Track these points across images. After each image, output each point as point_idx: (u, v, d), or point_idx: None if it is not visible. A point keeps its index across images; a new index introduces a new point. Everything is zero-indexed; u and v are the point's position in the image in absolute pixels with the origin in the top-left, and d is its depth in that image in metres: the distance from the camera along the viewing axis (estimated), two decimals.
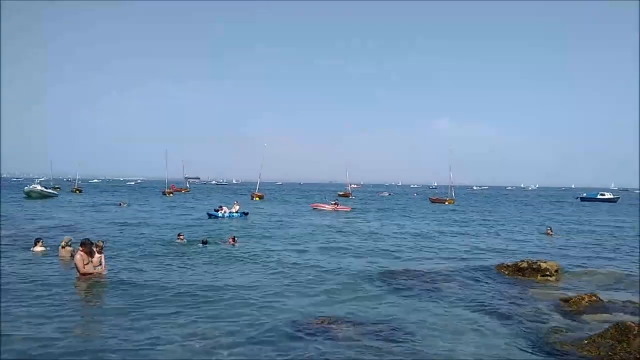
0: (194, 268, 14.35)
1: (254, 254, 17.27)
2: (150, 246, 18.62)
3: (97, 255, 12.40)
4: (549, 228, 27.40)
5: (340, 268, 15.12)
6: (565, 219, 41.49)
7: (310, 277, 13.52)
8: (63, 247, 15.46)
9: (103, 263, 12.50)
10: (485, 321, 9.34)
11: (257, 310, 9.83)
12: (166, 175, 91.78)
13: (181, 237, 19.84)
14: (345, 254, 18.43)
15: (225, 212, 33.27)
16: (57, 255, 15.31)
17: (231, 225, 28.08)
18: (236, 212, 33.83)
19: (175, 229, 24.97)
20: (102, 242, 13.14)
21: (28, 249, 16.71)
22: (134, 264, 14.70)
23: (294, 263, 15.78)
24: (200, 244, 18.58)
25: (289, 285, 12.46)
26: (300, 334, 8.28)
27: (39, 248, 16.52)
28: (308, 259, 16.75)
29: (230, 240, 19.49)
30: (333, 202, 48.43)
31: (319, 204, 49.11)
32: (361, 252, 18.97)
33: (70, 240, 15.94)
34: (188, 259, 15.95)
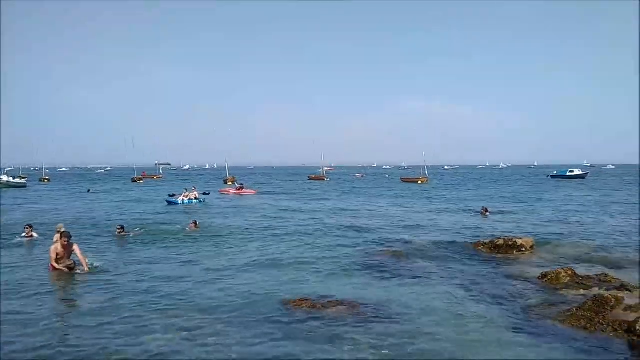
0: (165, 255, 14.22)
1: (220, 237, 17.50)
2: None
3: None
4: (484, 208, 27.29)
5: (310, 245, 15.66)
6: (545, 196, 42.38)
7: (281, 257, 13.78)
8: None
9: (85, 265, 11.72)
10: (468, 299, 9.48)
11: (239, 291, 9.87)
12: (134, 162, 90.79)
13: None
14: (315, 233, 18.65)
15: (183, 198, 33.26)
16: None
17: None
18: (195, 198, 33.82)
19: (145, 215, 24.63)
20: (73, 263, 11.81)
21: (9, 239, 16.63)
22: (103, 253, 14.48)
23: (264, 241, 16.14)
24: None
25: (265, 266, 12.58)
26: (289, 314, 8.34)
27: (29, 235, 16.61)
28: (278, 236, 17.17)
29: (192, 224, 19.33)
30: (238, 187, 48.61)
31: (224, 189, 49.34)
32: (333, 231, 19.23)
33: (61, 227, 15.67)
34: (157, 245, 15.82)
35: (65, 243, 11.73)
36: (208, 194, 33.53)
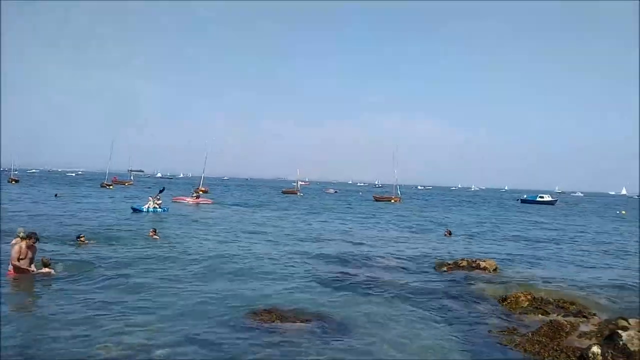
0: (124, 263, 13.89)
1: (179, 246, 17.35)
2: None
3: (45, 269, 11.56)
4: (447, 230, 27.64)
5: (275, 259, 15.66)
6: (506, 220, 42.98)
7: (243, 268, 13.81)
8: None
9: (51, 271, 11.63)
10: (427, 319, 9.47)
11: (199, 302, 9.71)
12: (108, 167, 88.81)
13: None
14: (277, 248, 18.43)
15: (149, 206, 33.29)
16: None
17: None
18: (159, 206, 33.77)
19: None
20: (49, 259, 11.96)
21: None
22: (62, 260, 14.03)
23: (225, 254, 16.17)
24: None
25: (225, 279, 12.39)
26: (244, 329, 8.18)
27: None
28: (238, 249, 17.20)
29: (151, 232, 19.11)
30: (194, 195, 48.14)
31: (180, 198, 48.12)
32: (297, 247, 19.08)
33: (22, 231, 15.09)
34: (117, 252, 15.46)
35: (32, 244, 11.54)
36: (163, 190, 34.66)
